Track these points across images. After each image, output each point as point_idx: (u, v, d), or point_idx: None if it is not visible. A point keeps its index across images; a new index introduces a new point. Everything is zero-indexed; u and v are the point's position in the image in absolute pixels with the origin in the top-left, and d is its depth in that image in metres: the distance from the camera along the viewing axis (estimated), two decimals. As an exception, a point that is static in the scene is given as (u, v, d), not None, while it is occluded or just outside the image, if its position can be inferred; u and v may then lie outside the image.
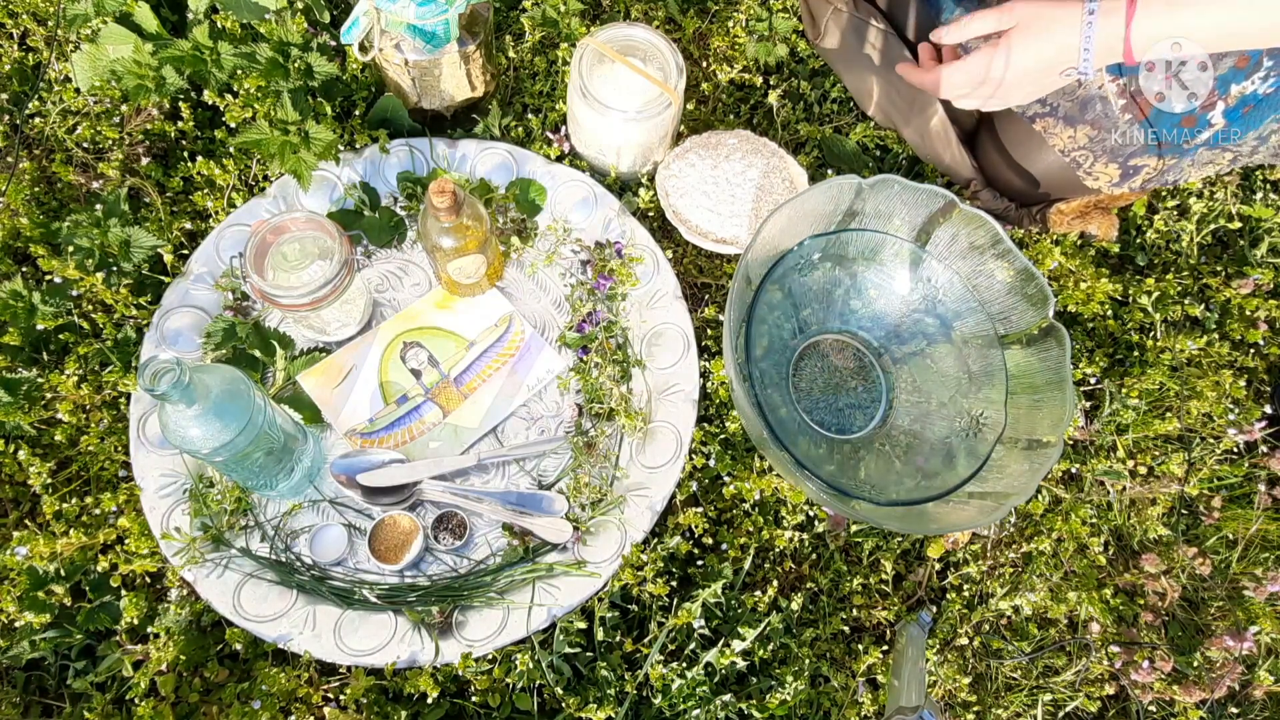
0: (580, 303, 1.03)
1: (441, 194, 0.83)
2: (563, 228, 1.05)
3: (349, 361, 0.99)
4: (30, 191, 1.04)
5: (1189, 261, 1.17)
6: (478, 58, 1.02)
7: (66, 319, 0.98)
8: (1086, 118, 0.95)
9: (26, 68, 1.11)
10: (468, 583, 0.92)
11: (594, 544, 0.93)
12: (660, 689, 0.90)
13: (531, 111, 1.14)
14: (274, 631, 0.88)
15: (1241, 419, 1.06)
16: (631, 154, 1.05)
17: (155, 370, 0.69)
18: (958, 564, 1.01)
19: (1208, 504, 1.06)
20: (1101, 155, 0.97)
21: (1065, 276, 1.09)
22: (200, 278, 0.99)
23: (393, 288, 1.03)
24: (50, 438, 0.95)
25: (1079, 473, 1.05)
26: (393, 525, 0.92)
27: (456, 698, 0.90)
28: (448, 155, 1.06)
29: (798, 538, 0.97)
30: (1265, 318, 1.11)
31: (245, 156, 1.06)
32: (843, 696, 0.94)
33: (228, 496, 0.92)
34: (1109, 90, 0.92)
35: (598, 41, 0.99)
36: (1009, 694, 0.98)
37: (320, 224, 0.89)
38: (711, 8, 1.22)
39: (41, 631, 0.87)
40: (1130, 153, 0.96)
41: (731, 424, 0.99)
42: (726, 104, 1.18)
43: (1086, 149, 0.97)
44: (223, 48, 1.01)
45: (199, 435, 0.75)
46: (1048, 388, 0.91)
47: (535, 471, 0.98)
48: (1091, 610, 0.99)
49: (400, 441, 0.97)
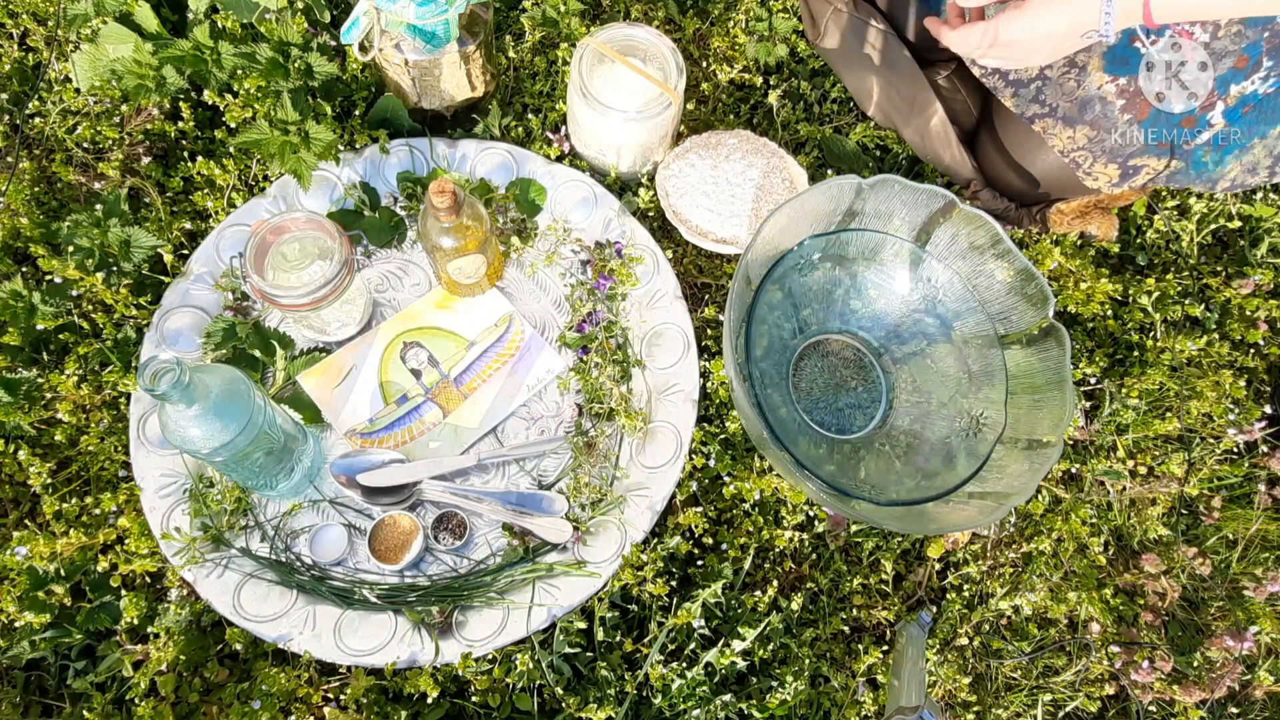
0: (580, 303, 1.03)
1: (441, 194, 0.83)
2: (563, 228, 1.05)
3: (349, 361, 0.99)
4: (30, 191, 1.04)
5: (1189, 261, 1.17)
6: (478, 58, 1.02)
7: (66, 319, 0.98)
8: (1086, 118, 0.95)
9: (26, 68, 1.11)
10: (468, 583, 0.92)
11: (594, 544, 0.93)
12: (660, 689, 0.90)
13: (531, 111, 1.14)
14: (274, 631, 0.88)
15: (1241, 419, 1.06)
16: (631, 154, 1.05)
17: (155, 370, 0.69)
18: (958, 564, 1.01)
19: (1208, 504, 1.06)
20: (1101, 155, 0.97)
21: (1065, 276, 1.09)
22: (200, 278, 0.99)
23: (393, 288, 1.03)
24: (50, 438, 0.95)
25: (1079, 473, 1.05)
26: (393, 525, 0.92)
27: (456, 698, 0.90)
28: (448, 155, 1.06)
29: (798, 538, 0.97)
30: (1265, 318, 1.11)
31: (245, 156, 1.06)
32: (843, 696, 0.94)
33: (228, 496, 0.92)
34: (1108, 90, 0.92)
35: (598, 41, 0.99)
36: (1009, 694, 0.98)
37: (320, 224, 0.89)
38: (712, 10, 1.22)
39: (41, 631, 0.87)
40: (1130, 153, 0.96)
41: (731, 424, 0.99)
42: (726, 104, 1.18)
43: (1086, 149, 0.97)
44: (223, 48, 1.01)
45: (199, 435, 0.75)
46: (1048, 388, 0.91)
47: (535, 471, 0.98)
48: (1091, 610, 0.99)
49: (400, 441, 0.97)
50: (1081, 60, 0.93)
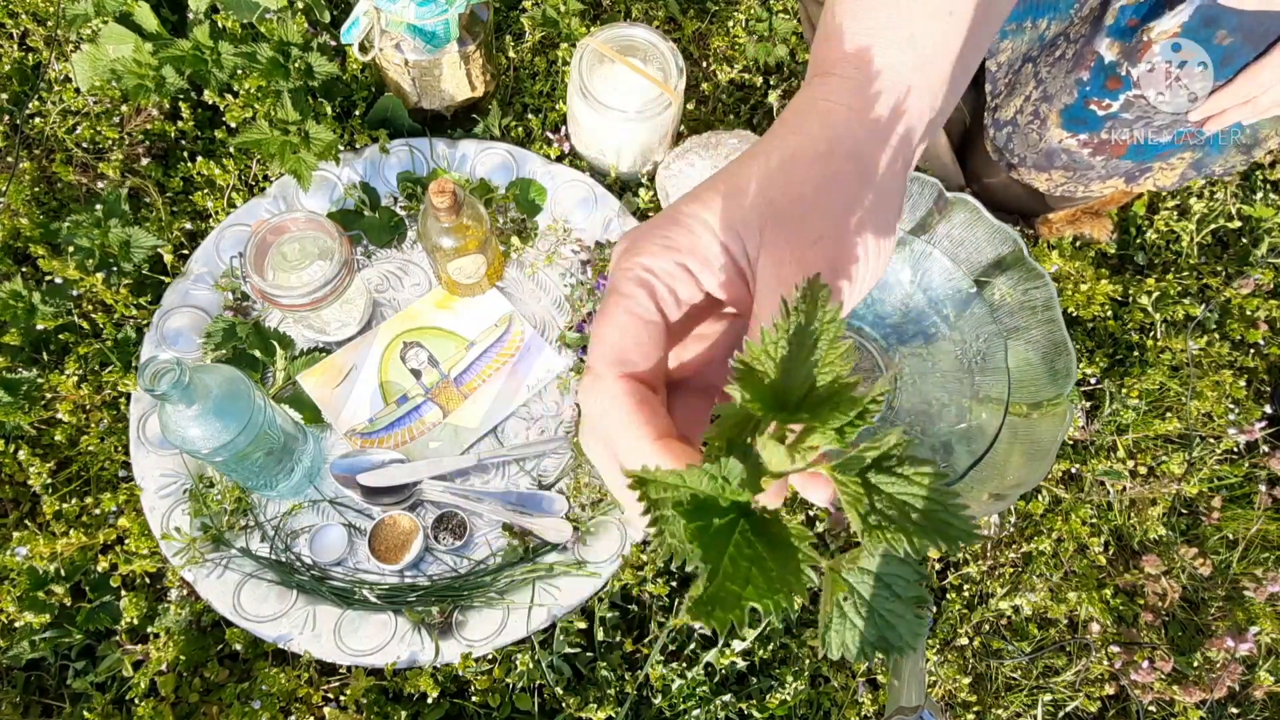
0: (580, 303, 1.03)
1: (441, 194, 0.83)
2: (563, 228, 1.05)
3: (349, 361, 0.99)
4: (30, 191, 1.04)
5: (1189, 261, 1.17)
6: (478, 58, 1.02)
7: (66, 319, 0.98)
8: (1055, 165, 0.93)
9: (26, 68, 1.11)
10: (468, 583, 0.92)
11: (594, 544, 0.93)
12: (660, 689, 0.90)
13: (531, 111, 1.14)
14: (274, 631, 0.88)
15: (1241, 419, 1.06)
16: (631, 154, 1.05)
17: (155, 370, 0.69)
18: (958, 564, 1.01)
19: (1208, 504, 1.06)
20: (1092, 181, 0.96)
21: (1065, 279, 1.09)
22: (200, 278, 0.99)
23: (393, 288, 1.03)
24: (50, 438, 0.95)
25: (1079, 473, 1.05)
26: (393, 525, 0.92)
27: (456, 698, 0.90)
28: (448, 155, 1.06)
29: (798, 538, 0.97)
30: (1265, 318, 1.11)
31: (245, 156, 1.06)
32: (843, 696, 0.94)
33: (228, 496, 0.92)
34: (1069, 144, 0.90)
35: (598, 41, 0.99)
36: (1009, 694, 0.98)
37: (320, 224, 0.89)
38: (711, 8, 1.22)
39: (41, 631, 0.87)
40: (1126, 170, 0.94)
41: (731, 424, 0.99)
42: (726, 104, 1.18)
43: (1069, 183, 0.96)
44: (223, 48, 1.01)
45: (199, 435, 0.75)
46: (1048, 387, 0.91)
47: (535, 471, 0.98)
48: (1091, 610, 0.99)
49: (400, 441, 0.97)
50: (1043, 112, 0.90)
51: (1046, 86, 0.89)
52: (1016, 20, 0.94)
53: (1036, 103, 0.91)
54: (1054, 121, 0.89)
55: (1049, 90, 0.89)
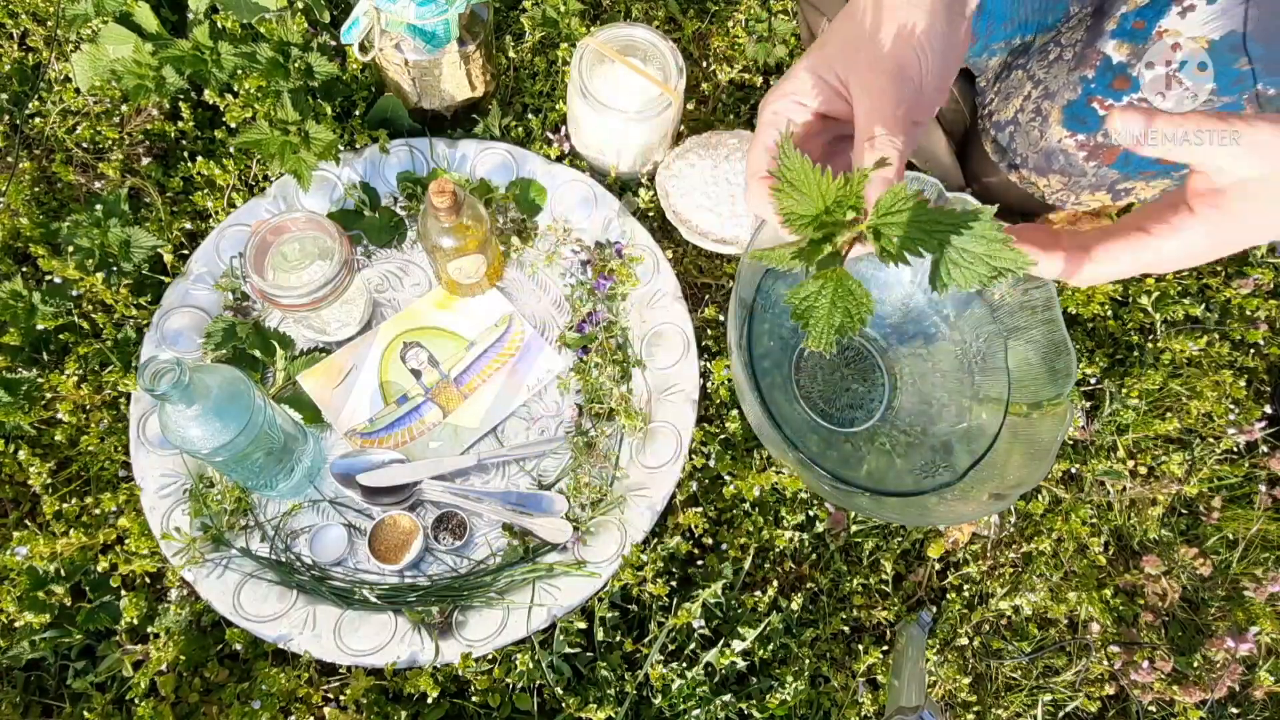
0: (580, 303, 1.03)
1: (441, 194, 0.83)
2: (563, 228, 1.05)
3: (349, 361, 0.99)
4: (30, 191, 1.04)
5: (1189, 261, 1.17)
6: (478, 58, 1.02)
7: (66, 319, 0.98)
8: (1054, 168, 0.94)
9: (26, 68, 1.11)
10: (468, 583, 0.92)
11: (594, 544, 0.93)
12: (660, 689, 0.90)
13: (531, 111, 1.14)
14: (274, 631, 0.88)
15: (1241, 419, 1.06)
16: (631, 154, 1.05)
17: (155, 370, 0.69)
18: (958, 564, 1.02)
19: (1208, 504, 1.06)
20: (1083, 190, 0.96)
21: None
22: (200, 278, 0.99)
23: (393, 288, 1.03)
24: (50, 438, 0.95)
25: (1079, 473, 1.05)
26: (393, 525, 0.92)
27: (456, 698, 0.90)
28: (448, 155, 1.06)
29: (798, 538, 0.97)
30: (1265, 318, 1.11)
31: (245, 156, 1.06)
32: (843, 696, 0.94)
33: (228, 496, 0.92)
34: (1068, 144, 0.90)
35: (598, 41, 0.99)
36: (1009, 694, 0.98)
37: (320, 224, 0.89)
38: (711, 8, 1.22)
39: (41, 631, 0.87)
40: (1112, 182, 0.95)
41: (731, 424, 0.99)
42: (726, 104, 1.18)
43: (1064, 190, 0.97)
44: (223, 48, 1.01)
45: (199, 435, 0.75)
46: (1048, 387, 0.91)
47: (535, 471, 0.98)
48: (1091, 610, 0.99)
49: (400, 441, 0.97)
50: (1045, 109, 0.91)
51: (1047, 85, 0.89)
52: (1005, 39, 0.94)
53: (1038, 100, 0.91)
54: (1056, 119, 0.90)
55: (1050, 88, 0.89)
